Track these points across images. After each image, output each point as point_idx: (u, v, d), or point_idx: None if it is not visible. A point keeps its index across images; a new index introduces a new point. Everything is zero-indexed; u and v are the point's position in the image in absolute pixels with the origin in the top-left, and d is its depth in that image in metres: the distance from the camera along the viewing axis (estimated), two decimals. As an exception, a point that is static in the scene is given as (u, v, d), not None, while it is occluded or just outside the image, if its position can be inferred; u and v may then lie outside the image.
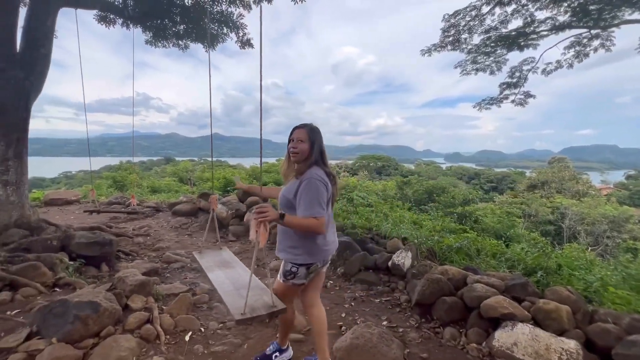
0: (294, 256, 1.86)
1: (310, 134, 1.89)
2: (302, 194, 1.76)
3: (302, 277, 1.88)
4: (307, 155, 1.87)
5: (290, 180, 1.93)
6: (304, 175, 1.81)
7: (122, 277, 3.05)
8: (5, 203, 4.00)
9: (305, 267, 1.86)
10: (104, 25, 6.83)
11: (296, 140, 1.88)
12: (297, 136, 1.89)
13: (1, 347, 2.12)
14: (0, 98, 3.90)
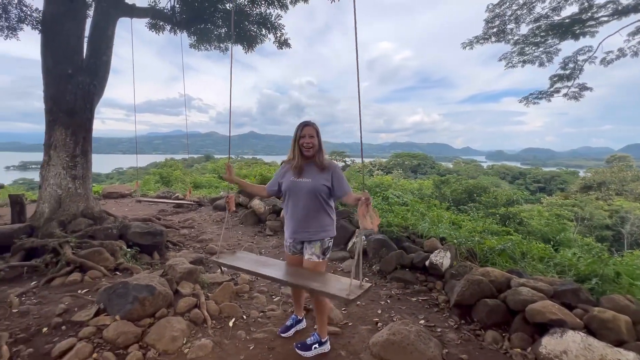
0: (329, 232, 2.20)
1: (317, 130, 2.18)
2: (341, 177, 2.15)
3: (330, 249, 2.23)
4: (318, 148, 2.17)
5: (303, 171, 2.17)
6: (330, 164, 2.18)
7: (172, 265, 3.31)
8: (74, 195, 4.49)
9: (333, 239, 2.24)
10: (154, 31, 7.35)
11: (308, 136, 2.14)
12: (309, 132, 2.15)
13: (75, 320, 2.42)
14: (71, 101, 4.38)
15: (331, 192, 2.16)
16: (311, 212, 2.15)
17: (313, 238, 2.17)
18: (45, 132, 4.43)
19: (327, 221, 2.19)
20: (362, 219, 1.82)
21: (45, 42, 4.33)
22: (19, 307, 2.60)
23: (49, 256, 3.43)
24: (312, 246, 2.19)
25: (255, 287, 3.39)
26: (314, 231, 2.16)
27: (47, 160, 4.42)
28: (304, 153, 2.16)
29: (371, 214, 1.81)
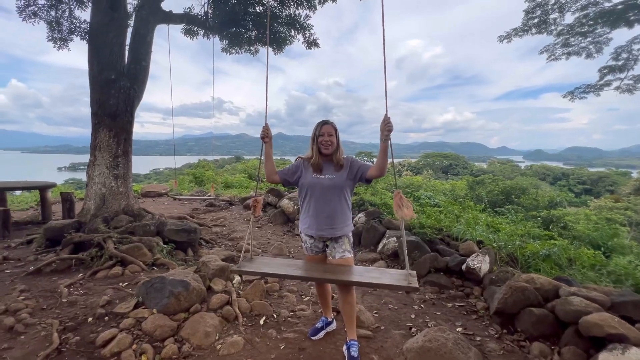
0: (351, 226, 2.27)
1: (336, 129, 2.23)
2: (359, 162, 2.20)
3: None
4: (336, 146, 2.22)
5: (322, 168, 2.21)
6: (345, 160, 2.22)
7: (205, 262, 3.39)
8: (116, 193, 4.76)
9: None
10: (189, 37, 7.66)
11: (327, 134, 2.18)
12: (328, 131, 2.19)
13: (117, 312, 2.54)
14: (113, 105, 4.65)
15: (356, 181, 2.22)
16: (337, 207, 2.18)
17: (337, 234, 2.19)
18: (91, 134, 4.74)
19: (349, 215, 2.25)
20: (398, 209, 1.93)
21: (92, 51, 4.63)
22: (68, 297, 2.78)
23: (94, 250, 3.65)
24: (342, 243, 2.21)
25: (285, 286, 3.39)
26: (339, 227, 2.18)
27: (93, 161, 4.72)
28: (322, 151, 2.20)
29: (406, 204, 1.92)
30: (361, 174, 2.16)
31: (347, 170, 2.19)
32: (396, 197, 1.94)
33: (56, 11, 6.89)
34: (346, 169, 2.19)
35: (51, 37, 7.06)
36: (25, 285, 2.99)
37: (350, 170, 2.18)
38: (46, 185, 6.25)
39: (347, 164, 2.20)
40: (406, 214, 1.93)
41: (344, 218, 2.19)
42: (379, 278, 1.99)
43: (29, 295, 2.79)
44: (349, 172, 2.18)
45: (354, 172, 2.17)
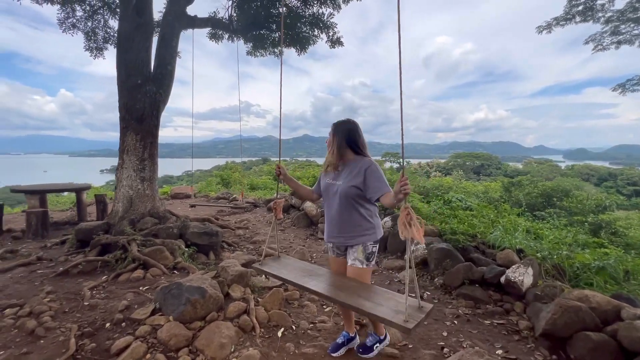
0: (370, 236, 2.01)
1: (334, 130, 2.10)
2: (373, 177, 1.91)
3: (376, 254, 2.08)
4: (335, 149, 2.05)
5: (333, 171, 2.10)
6: (362, 163, 1.97)
7: (224, 267, 3.31)
8: (142, 195, 4.85)
9: (378, 242, 2.06)
10: (214, 41, 7.77)
11: (329, 136, 2.11)
12: (329, 133, 2.12)
13: (134, 318, 2.50)
14: (140, 109, 4.74)
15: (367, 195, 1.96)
16: (344, 215, 2.03)
17: (350, 243, 2.06)
18: (120, 138, 4.86)
19: (365, 225, 2.02)
20: (404, 228, 1.54)
21: (120, 57, 4.75)
22: (90, 300, 2.79)
23: (118, 252, 3.69)
24: (355, 250, 2.05)
25: (305, 295, 3.23)
26: (349, 236, 2.04)
27: (121, 164, 4.84)
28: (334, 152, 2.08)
29: (415, 223, 1.54)
30: (371, 195, 1.93)
31: (361, 179, 1.94)
32: (403, 213, 1.54)
33: (92, 21, 7.23)
34: (359, 176, 1.95)
35: (88, 47, 7.43)
36: (52, 286, 3.05)
37: (364, 182, 1.94)
38: (81, 188, 6.55)
39: (361, 172, 1.95)
40: (415, 235, 1.54)
41: (356, 227, 2.02)
42: (377, 306, 1.67)
43: (54, 297, 2.84)
44: (362, 183, 1.94)
45: (366, 186, 1.94)
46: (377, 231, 2.06)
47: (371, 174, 1.92)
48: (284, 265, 2.32)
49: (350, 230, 2.02)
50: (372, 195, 1.92)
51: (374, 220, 2.06)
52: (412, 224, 1.55)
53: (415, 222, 1.56)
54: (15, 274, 3.38)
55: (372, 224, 2.03)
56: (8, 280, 3.22)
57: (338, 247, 2.19)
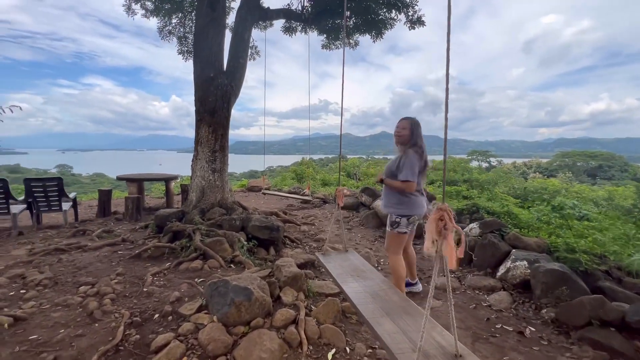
0: (399, 209, 2.53)
1: (412, 125, 2.52)
2: (403, 165, 2.43)
3: (404, 226, 2.54)
4: (406, 140, 2.52)
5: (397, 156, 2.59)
6: (404, 153, 2.48)
7: (279, 266, 3.04)
8: (213, 186, 4.98)
9: (406, 217, 2.52)
10: (288, 34, 7.72)
11: (401, 128, 2.55)
12: (402, 125, 2.56)
13: (181, 313, 2.38)
14: (212, 102, 4.86)
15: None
16: (385, 190, 2.68)
17: (387, 210, 2.65)
18: (195, 131, 5.07)
19: (395, 199, 2.57)
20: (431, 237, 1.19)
21: (196, 52, 4.94)
22: (149, 286, 2.81)
23: (184, 240, 3.77)
24: (388, 217, 2.66)
25: (366, 309, 2.74)
26: (388, 204, 2.62)
27: (196, 155, 5.05)
28: (395, 141, 2.62)
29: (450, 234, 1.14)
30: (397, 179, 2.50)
31: (397, 163, 2.51)
32: (436, 215, 1.18)
33: (184, 27, 7.92)
34: (397, 161, 2.52)
35: (180, 51, 8.19)
36: (124, 268, 3.22)
37: (397, 165, 2.50)
38: (170, 177, 7.22)
39: (399, 158, 2.51)
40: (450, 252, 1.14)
41: (390, 200, 2.60)
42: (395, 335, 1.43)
43: (121, 279, 2.96)
44: (397, 164, 2.50)
45: (397, 169, 2.50)
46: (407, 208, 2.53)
47: (402, 163, 2.48)
48: (342, 260, 2.50)
49: (386, 202, 2.66)
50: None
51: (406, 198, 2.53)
52: (447, 235, 1.14)
53: (452, 232, 1.14)
54: (101, 253, 3.72)
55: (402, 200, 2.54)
56: (94, 258, 3.54)
57: None
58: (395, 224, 2.54)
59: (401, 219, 2.52)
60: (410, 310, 1.77)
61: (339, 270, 2.22)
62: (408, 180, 2.40)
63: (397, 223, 2.53)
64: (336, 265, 2.33)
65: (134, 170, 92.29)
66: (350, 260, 2.47)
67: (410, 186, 2.41)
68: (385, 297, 1.94)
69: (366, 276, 2.19)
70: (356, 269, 2.30)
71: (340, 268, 2.29)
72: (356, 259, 2.56)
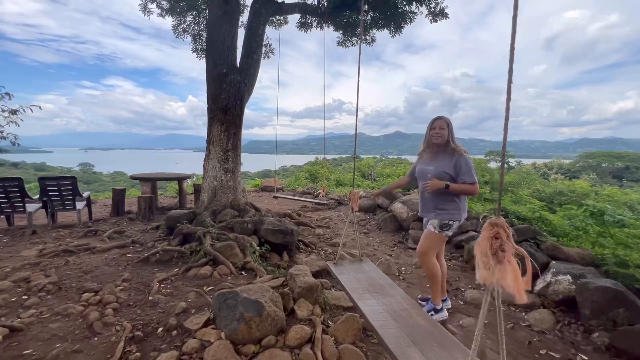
0: (456, 215, 2.42)
1: (449, 123, 2.44)
2: (466, 167, 2.35)
3: (454, 230, 2.45)
4: (446, 139, 2.42)
5: (426, 158, 2.57)
6: (454, 153, 2.40)
7: (293, 275, 2.81)
8: (225, 187, 4.81)
9: (458, 222, 2.44)
10: (303, 30, 7.49)
11: (438, 128, 2.43)
12: (440, 125, 2.43)
13: (186, 327, 2.18)
14: (224, 99, 4.68)
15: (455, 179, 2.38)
16: (437, 197, 2.45)
17: (433, 216, 2.46)
18: (207, 129, 4.91)
19: (452, 205, 2.42)
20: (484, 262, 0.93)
21: (208, 46, 4.77)
22: (155, 294, 2.63)
23: (194, 244, 3.60)
24: (432, 221, 2.48)
25: (389, 325, 2.47)
26: (437, 213, 2.44)
27: (208, 155, 4.89)
28: (433, 141, 2.45)
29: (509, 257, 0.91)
30: (457, 178, 2.38)
31: (452, 165, 2.38)
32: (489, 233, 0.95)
33: (198, 25, 7.83)
34: (450, 162, 2.39)
35: (194, 49, 8.11)
36: (130, 273, 3.06)
37: (454, 167, 2.37)
38: (182, 177, 7.12)
39: (453, 158, 2.38)
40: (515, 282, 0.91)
41: (440, 205, 2.42)
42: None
43: (127, 285, 2.79)
44: (450, 166, 2.38)
45: (456, 172, 2.37)
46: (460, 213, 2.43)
47: (460, 165, 2.37)
48: (357, 271, 2.31)
49: (435, 207, 2.46)
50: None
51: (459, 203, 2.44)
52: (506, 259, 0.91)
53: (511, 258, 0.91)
54: (109, 255, 3.59)
55: (457, 204, 2.43)
56: (102, 261, 3.40)
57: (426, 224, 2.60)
58: (447, 227, 2.43)
59: (454, 223, 2.42)
60: (442, 340, 1.51)
61: (354, 283, 1.98)
62: (476, 181, 2.32)
63: (448, 226, 2.42)
64: (350, 278, 2.09)
65: (152, 168, 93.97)
66: (366, 271, 2.21)
67: (477, 188, 2.33)
68: (409, 320, 1.69)
69: (385, 291, 1.98)
70: (373, 283, 2.08)
71: (356, 281, 2.05)
72: (373, 270, 2.32)
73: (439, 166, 2.43)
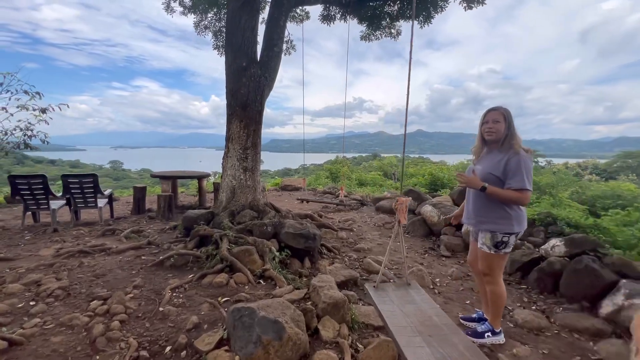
0: (506, 226, 1.99)
1: (506, 115, 2.01)
2: (516, 168, 1.91)
3: (511, 245, 2.03)
4: (503, 134, 2.00)
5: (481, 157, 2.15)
6: (508, 151, 1.96)
7: (317, 287, 2.51)
8: (244, 187, 4.58)
9: (515, 235, 2.01)
10: (326, 23, 7.17)
11: (492, 121, 2.03)
12: (494, 118, 2.03)
13: (197, 348, 1.92)
14: (244, 94, 4.44)
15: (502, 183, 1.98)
16: (478, 200, 2.09)
17: (479, 227, 2.11)
18: (226, 126, 4.70)
19: (499, 213, 2.02)
20: None
21: (227, 39, 4.55)
22: (165, 305, 2.41)
23: (211, 247, 3.38)
24: (483, 235, 2.10)
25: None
26: (478, 221, 2.10)
27: (227, 152, 4.68)
28: (486, 138, 2.09)
29: None
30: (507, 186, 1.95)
31: (501, 165, 1.97)
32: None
33: (220, 22, 7.70)
34: (500, 162, 1.98)
35: (216, 46, 8.00)
36: (142, 278, 2.87)
37: (504, 167, 1.95)
38: (202, 175, 7.01)
39: (505, 157, 1.97)
40: None
41: (488, 214, 2.04)
42: None
43: (137, 293, 2.60)
44: (499, 167, 1.97)
45: (505, 174, 1.96)
46: (514, 223, 1.99)
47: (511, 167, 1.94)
48: (404, 301, 1.90)
49: (482, 216, 2.06)
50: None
51: (513, 211, 2.00)
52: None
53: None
54: (124, 257, 3.43)
55: (509, 214, 1.99)
56: (116, 263, 3.25)
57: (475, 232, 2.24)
58: (502, 245, 2.03)
59: (509, 237, 2.01)
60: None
61: (401, 319, 1.61)
62: (526, 189, 1.89)
63: (504, 243, 2.02)
64: (396, 311, 1.65)
65: (176, 166, 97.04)
66: (416, 302, 1.78)
67: (527, 198, 1.91)
68: None
69: (443, 336, 1.51)
70: (426, 321, 1.65)
71: (403, 316, 1.61)
72: (425, 301, 1.88)
73: (487, 166, 2.04)
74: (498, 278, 2.13)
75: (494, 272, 2.11)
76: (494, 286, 2.14)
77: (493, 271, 2.11)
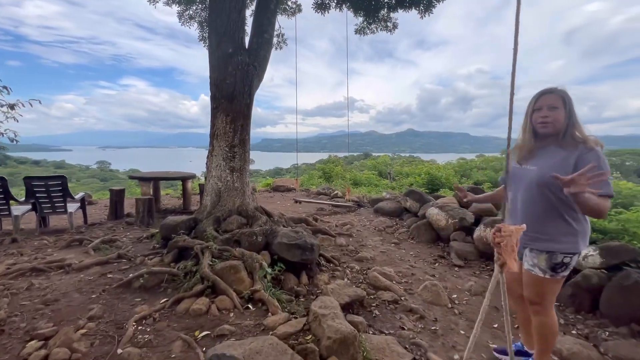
0: (570, 244, 1.57)
1: (566, 99, 1.56)
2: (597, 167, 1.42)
3: (572, 266, 1.62)
4: (563, 125, 1.56)
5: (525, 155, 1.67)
6: (576, 145, 1.52)
7: (318, 315, 2.02)
8: (231, 189, 4.05)
9: (578, 255, 1.61)
10: (320, 12, 6.69)
11: (547, 108, 1.57)
12: (549, 103, 1.57)
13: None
14: (230, 85, 3.92)
15: None
16: (532, 210, 1.61)
17: (532, 246, 1.64)
18: (211, 121, 4.16)
19: (563, 229, 1.56)
20: None
21: (210, 21, 4.01)
22: (126, 345, 1.88)
23: (190, 263, 2.85)
24: (535, 255, 1.63)
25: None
26: (533, 237, 1.62)
27: (211, 151, 4.14)
28: (539, 130, 1.61)
29: None
30: None
31: (571, 165, 1.47)
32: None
33: (205, 11, 7.16)
34: (567, 160, 1.50)
35: (201, 37, 7.46)
36: (102, 306, 2.33)
37: (576, 167, 1.43)
38: (186, 176, 6.43)
39: (574, 155, 1.49)
40: None
41: (546, 228, 1.57)
42: None
43: (93, 327, 2.06)
44: (568, 166, 1.47)
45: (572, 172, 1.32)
46: (579, 241, 1.56)
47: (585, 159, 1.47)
48: None
49: (537, 231, 1.60)
50: None
51: (577, 225, 1.56)
52: None
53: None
54: (86, 276, 2.88)
55: (575, 229, 1.56)
56: (73, 285, 2.70)
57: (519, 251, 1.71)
58: (562, 267, 1.59)
59: (572, 258, 1.59)
60: None
61: None
62: (612, 195, 1.42)
63: (564, 265, 1.59)
64: None
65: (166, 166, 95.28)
66: None
67: (609, 207, 1.42)
68: None
69: None
70: None
71: None
72: None
73: (546, 166, 1.55)
74: (550, 308, 1.70)
75: (546, 301, 1.68)
76: (543, 317, 1.72)
77: (544, 299, 1.67)
